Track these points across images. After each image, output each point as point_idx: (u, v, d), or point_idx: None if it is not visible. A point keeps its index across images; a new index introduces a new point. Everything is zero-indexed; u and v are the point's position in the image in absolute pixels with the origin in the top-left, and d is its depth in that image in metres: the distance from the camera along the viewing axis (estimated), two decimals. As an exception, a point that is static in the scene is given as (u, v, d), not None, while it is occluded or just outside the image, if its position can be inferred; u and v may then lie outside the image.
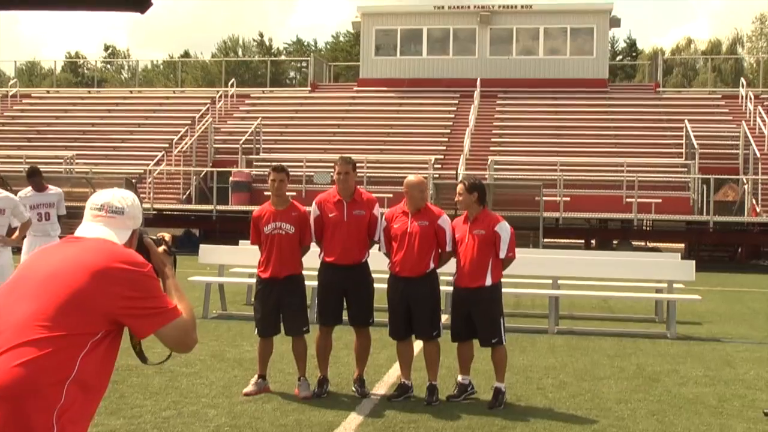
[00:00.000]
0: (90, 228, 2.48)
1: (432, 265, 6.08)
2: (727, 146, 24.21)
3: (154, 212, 22.34)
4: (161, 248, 2.62)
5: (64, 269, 2.30)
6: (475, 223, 6.04)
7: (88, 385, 2.23)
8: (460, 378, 6.16)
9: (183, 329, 2.38)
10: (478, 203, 6.07)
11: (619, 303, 11.87)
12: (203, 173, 24.58)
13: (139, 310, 2.31)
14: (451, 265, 6.24)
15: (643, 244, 24.90)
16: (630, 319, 10.73)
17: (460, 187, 6.08)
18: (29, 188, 9.26)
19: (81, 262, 2.31)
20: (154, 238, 2.64)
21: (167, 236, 2.67)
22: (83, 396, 2.22)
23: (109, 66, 60.31)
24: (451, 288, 6.37)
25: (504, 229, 6.01)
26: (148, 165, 24.31)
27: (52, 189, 9.37)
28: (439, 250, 6.12)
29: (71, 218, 8.88)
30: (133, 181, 21.58)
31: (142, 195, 21.83)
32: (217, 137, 26.60)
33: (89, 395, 2.25)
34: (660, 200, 20.89)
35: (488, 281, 5.97)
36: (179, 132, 26.38)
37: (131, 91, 33.62)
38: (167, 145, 26.03)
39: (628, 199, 21.06)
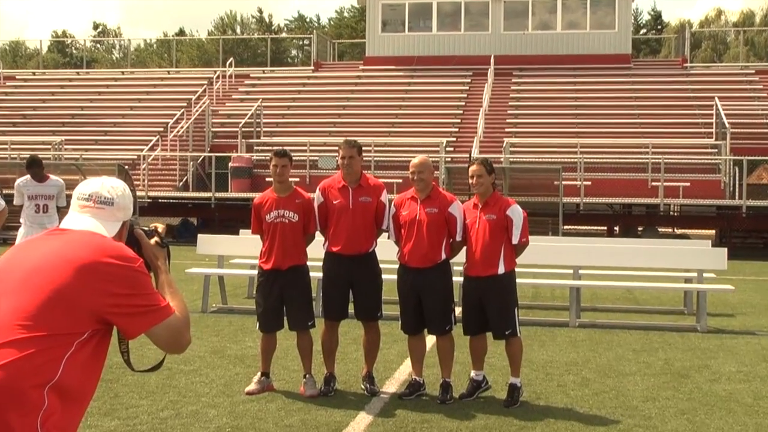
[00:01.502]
0: (77, 219, 2.45)
1: (444, 255, 6.05)
2: (761, 125, 24.07)
3: (149, 200, 22.40)
4: (153, 240, 2.59)
5: (48, 264, 2.27)
6: (486, 208, 6.00)
7: (73, 389, 2.21)
8: (473, 374, 6.15)
9: (176, 329, 2.36)
10: (493, 186, 6.05)
11: (645, 294, 11.84)
12: (201, 159, 24.60)
13: (129, 308, 2.29)
14: (463, 254, 6.21)
15: (670, 230, 24.79)
16: (657, 311, 10.70)
17: (478, 168, 5.97)
18: (28, 176, 9.30)
19: (66, 257, 2.28)
20: (146, 229, 2.61)
21: (160, 227, 2.65)
22: (68, 400, 2.20)
23: (99, 46, 60.36)
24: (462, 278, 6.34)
25: (516, 212, 5.98)
26: (141, 150, 24.35)
27: (53, 180, 9.39)
28: (450, 240, 6.09)
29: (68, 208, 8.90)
30: (126, 167, 21.61)
31: (135, 182, 21.88)
32: (214, 120, 26.61)
33: (75, 399, 2.23)
34: (688, 184, 20.79)
35: (501, 269, 5.94)
36: (174, 115, 26.39)
37: (123, 72, 33.64)
38: (162, 129, 26.05)
39: (654, 183, 20.96)
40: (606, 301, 11.34)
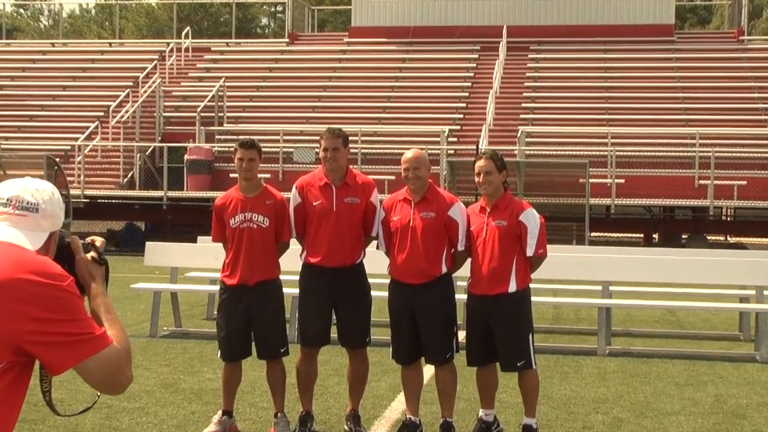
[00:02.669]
0: None
1: (444, 269, 6.07)
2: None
3: (86, 201, 22.37)
4: (89, 255, 2.60)
5: None
6: (495, 212, 6.01)
7: None
8: (482, 413, 6.18)
9: (113, 363, 2.34)
10: (504, 185, 6.08)
11: (691, 315, 11.89)
12: (150, 150, 24.59)
13: (54, 337, 2.27)
14: (468, 268, 6.23)
15: (722, 239, 24.91)
16: (705, 336, 10.75)
17: (486, 164, 5.99)
18: None
19: None
20: (81, 242, 2.62)
21: (98, 241, 2.65)
22: None
23: (22, 11, 60.27)
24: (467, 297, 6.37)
25: (531, 218, 6.00)
26: (76, 140, 24.32)
27: None
28: (452, 250, 6.11)
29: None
30: (57, 160, 21.58)
31: (69, 179, 21.85)
32: (167, 103, 26.62)
33: None
34: (744, 182, 20.90)
35: (512, 286, 5.96)
36: (118, 97, 26.38)
37: (53, 44, 33.60)
38: (102, 114, 26.05)
39: (702, 181, 21.06)
40: (643, 324, 11.39)
